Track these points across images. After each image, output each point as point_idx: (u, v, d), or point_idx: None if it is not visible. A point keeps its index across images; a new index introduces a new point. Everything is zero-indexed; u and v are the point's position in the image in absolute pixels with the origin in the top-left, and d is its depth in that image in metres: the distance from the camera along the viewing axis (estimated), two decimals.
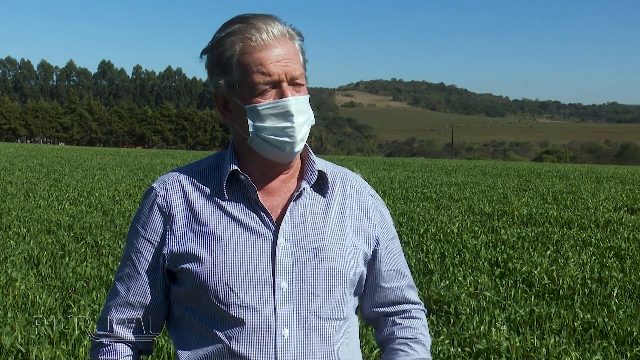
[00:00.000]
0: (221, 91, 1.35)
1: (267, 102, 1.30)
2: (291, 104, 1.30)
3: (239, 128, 1.36)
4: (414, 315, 1.55)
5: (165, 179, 1.42)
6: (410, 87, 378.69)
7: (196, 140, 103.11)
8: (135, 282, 1.39)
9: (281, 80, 1.30)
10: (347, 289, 1.39)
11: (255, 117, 1.31)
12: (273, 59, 1.29)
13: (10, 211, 10.82)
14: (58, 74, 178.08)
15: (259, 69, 1.29)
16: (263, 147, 1.33)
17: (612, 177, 24.82)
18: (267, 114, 1.30)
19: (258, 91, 1.30)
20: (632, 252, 8.13)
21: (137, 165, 27.25)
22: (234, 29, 1.31)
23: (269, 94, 1.30)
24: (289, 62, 1.31)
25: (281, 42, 1.31)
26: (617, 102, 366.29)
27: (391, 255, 1.50)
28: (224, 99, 1.37)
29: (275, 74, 1.29)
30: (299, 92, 1.33)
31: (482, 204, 13.75)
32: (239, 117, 1.35)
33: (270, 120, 1.31)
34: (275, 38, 1.30)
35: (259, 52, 1.29)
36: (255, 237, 1.34)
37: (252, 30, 1.29)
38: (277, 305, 1.31)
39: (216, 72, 1.34)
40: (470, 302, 5.52)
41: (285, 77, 1.30)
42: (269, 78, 1.29)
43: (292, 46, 1.33)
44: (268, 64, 1.29)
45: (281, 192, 1.39)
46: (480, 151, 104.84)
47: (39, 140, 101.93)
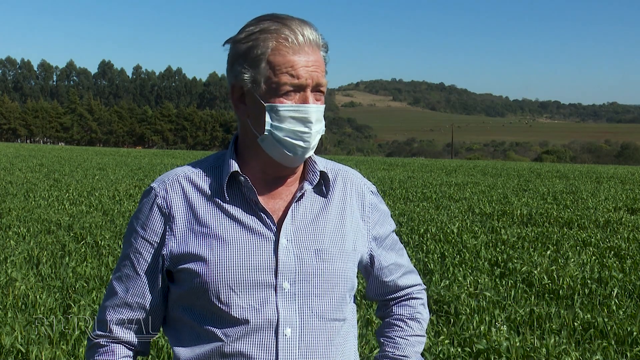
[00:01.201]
0: (241, 84, 1.34)
1: (289, 104, 1.30)
2: (312, 111, 1.31)
3: (251, 124, 1.35)
4: (414, 296, 1.61)
5: (165, 179, 1.41)
6: (410, 87, 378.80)
7: (196, 140, 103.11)
8: (133, 282, 1.38)
9: (307, 85, 1.30)
10: (348, 290, 1.40)
11: (274, 116, 1.31)
12: (303, 63, 1.30)
13: (10, 211, 10.82)
14: (58, 74, 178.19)
15: (289, 70, 1.29)
16: (274, 148, 1.33)
17: (612, 177, 24.81)
18: (287, 116, 1.30)
19: (282, 92, 1.30)
20: (632, 252, 8.13)
21: (137, 165, 27.25)
22: (270, 27, 1.31)
23: (291, 97, 1.30)
24: (318, 70, 1.32)
25: (313, 49, 1.32)
26: (617, 102, 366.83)
27: (390, 251, 1.54)
28: (241, 91, 1.35)
29: (303, 78, 1.30)
30: (319, 101, 1.34)
31: (482, 204, 13.75)
32: (254, 113, 1.34)
33: (288, 122, 1.30)
34: (309, 44, 1.31)
35: (292, 54, 1.29)
36: (257, 238, 1.33)
37: (288, 32, 1.30)
38: (279, 305, 1.31)
39: (241, 63, 1.33)
40: (470, 302, 5.52)
41: (311, 82, 1.31)
42: (296, 81, 1.29)
43: (320, 55, 1.34)
44: (299, 67, 1.29)
45: (283, 194, 1.39)
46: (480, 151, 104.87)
47: (39, 140, 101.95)
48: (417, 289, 1.62)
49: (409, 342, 1.54)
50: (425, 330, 1.61)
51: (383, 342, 1.56)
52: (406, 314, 1.57)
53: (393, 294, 1.59)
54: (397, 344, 1.53)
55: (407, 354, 1.52)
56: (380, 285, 1.56)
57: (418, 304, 1.60)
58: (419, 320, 1.58)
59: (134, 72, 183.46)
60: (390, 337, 1.55)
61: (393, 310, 1.59)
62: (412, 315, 1.57)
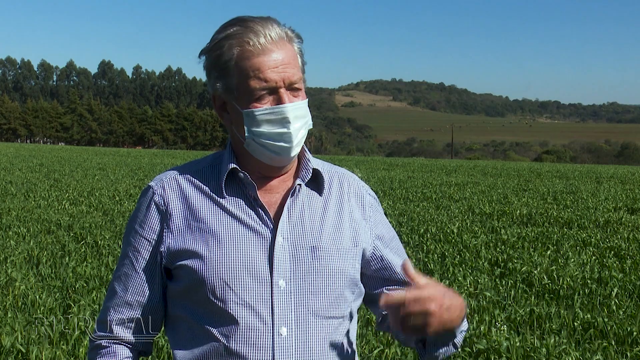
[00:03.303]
0: (219, 93, 1.35)
1: (263, 107, 1.29)
2: (288, 111, 1.30)
3: (236, 131, 1.36)
4: None
5: (163, 177, 1.42)
6: (410, 87, 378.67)
7: (196, 140, 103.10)
8: (133, 280, 1.38)
9: (278, 86, 1.29)
10: (346, 287, 1.39)
11: (251, 122, 1.30)
12: (271, 65, 1.28)
13: (10, 211, 10.82)
14: (58, 74, 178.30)
15: (256, 74, 1.28)
16: (259, 151, 1.33)
17: (612, 177, 24.81)
18: (264, 120, 1.30)
19: (255, 96, 1.29)
20: (632, 252, 8.13)
21: (137, 165, 27.24)
22: (232, 32, 1.30)
23: (266, 99, 1.29)
24: (287, 67, 1.29)
25: (279, 46, 1.29)
26: (617, 102, 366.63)
27: (395, 254, 1.51)
28: (221, 100, 1.36)
29: (272, 81, 1.28)
30: (297, 97, 1.32)
31: (482, 204, 13.74)
32: (236, 120, 1.34)
33: (266, 125, 1.30)
34: (274, 42, 1.29)
35: (257, 57, 1.28)
36: (253, 235, 1.33)
37: (250, 34, 1.28)
38: (274, 303, 1.30)
39: (214, 74, 1.34)
40: (470, 302, 5.51)
41: (283, 83, 1.29)
42: (265, 84, 1.28)
43: (291, 49, 1.32)
44: (265, 69, 1.27)
45: (279, 190, 1.39)
46: (480, 151, 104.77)
47: (39, 140, 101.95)
48: None
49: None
50: None
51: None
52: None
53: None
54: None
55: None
56: (381, 284, 1.54)
57: None
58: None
59: (134, 72, 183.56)
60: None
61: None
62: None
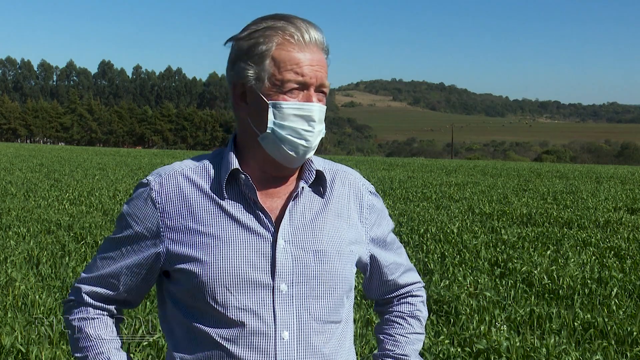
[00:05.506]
0: (243, 81, 1.32)
1: (293, 101, 1.29)
2: (315, 110, 1.30)
3: (252, 122, 1.33)
4: (414, 293, 1.61)
5: (161, 172, 1.38)
6: (410, 87, 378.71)
7: (196, 140, 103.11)
8: (116, 267, 1.38)
9: (311, 83, 1.30)
10: (345, 292, 1.38)
11: (277, 113, 1.29)
12: (309, 62, 1.29)
13: (10, 211, 10.82)
14: (58, 74, 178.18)
15: (294, 67, 1.28)
16: (275, 147, 1.31)
17: (612, 177, 24.81)
18: (290, 114, 1.29)
19: (287, 89, 1.29)
20: (632, 252, 8.13)
21: (137, 165, 27.23)
22: (275, 24, 1.30)
23: (295, 94, 1.30)
24: (321, 70, 1.31)
25: (317, 49, 1.32)
26: (617, 102, 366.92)
27: (389, 251, 1.53)
28: (243, 88, 1.34)
29: (308, 76, 1.29)
30: (321, 101, 1.33)
31: (482, 204, 13.74)
32: (256, 110, 1.32)
33: (291, 120, 1.29)
34: (314, 43, 1.31)
35: (297, 52, 1.29)
36: (255, 238, 1.31)
37: (294, 29, 1.30)
38: (276, 307, 1.29)
39: (245, 60, 1.32)
40: (470, 302, 5.52)
41: (315, 81, 1.30)
42: (301, 78, 1.29)
43: (324, 57, 1.34)
44: (304, 65, 1.29)
45: (280, 194, 1.37)
46: (480, 151, 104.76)
47: (39, 140, 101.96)
48: (417, 287, 1.62)
49: (408, 340, 1.54)
50: (424, 327, 1.61)
51: (382, 340, 1.55)
52: (406, 311, 1.57)
53: (393, 292, 1.59)
54: (397, 341, 1.53)
55: (407, 353, 1.52)
56: (380, 285, 1.56)
57: (418, 302, 1.60)
58: (418, 318, 1.58)
59: (134, 72, 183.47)
60: (390, 334, 1.55)
61: (393, 308, 1.58)
62: (412, 312, 1.57)
